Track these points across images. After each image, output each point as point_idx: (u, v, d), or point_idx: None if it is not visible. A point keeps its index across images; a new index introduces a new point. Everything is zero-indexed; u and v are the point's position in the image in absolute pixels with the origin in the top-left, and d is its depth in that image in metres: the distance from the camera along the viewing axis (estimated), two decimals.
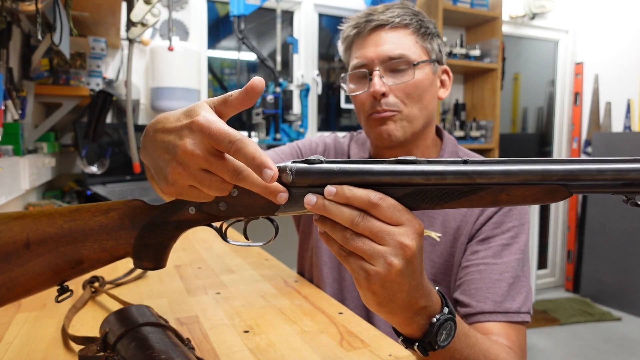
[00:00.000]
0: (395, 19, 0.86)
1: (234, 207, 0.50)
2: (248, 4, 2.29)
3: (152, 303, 0.83)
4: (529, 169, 0.43)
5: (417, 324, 0.50)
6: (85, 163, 1.84)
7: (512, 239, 0.82)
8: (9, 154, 1.37)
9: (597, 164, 0.42)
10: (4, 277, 0.50)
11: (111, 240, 0.52)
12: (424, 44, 0.89)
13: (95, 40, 2.00)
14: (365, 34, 0.88)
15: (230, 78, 3.10)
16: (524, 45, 3.96)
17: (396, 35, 0.86)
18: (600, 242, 3.50)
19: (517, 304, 0.76)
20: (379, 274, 0.44)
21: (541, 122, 4.16)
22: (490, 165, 0.44)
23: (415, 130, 0.88)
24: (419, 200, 0.46)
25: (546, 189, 0.43)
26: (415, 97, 0.86)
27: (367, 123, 0.90)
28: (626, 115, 3.59)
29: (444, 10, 2.96)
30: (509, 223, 0.83)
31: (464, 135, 3.20)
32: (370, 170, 0.45)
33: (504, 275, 0.78)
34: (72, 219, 0.53)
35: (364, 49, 0.88)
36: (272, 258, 1.21)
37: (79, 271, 0.53)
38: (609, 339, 2.94)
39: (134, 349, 0.54)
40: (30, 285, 0.52)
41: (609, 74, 3.73)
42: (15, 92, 1.46)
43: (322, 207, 0.45)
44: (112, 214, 0.53)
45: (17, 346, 0.68)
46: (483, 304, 0.76)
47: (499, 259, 0.80)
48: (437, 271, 0.88)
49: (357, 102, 0.91)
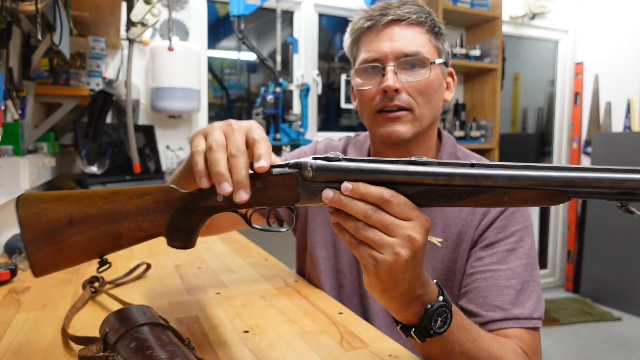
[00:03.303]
0: (412, 15, 0.84)
1: (258, 198, 0.55)
2: (248, 4, 2.29)
3: (152, 303, 0.83)
4: (532, 174, 0.46)
5: (413, 311, 0.55)
6: (85, 163, 1.84)
7: (516, 243, 0.80)
8: (9, 154, 1.37)
9: (595, 173, 0.45)
10: (50, 249, 0.57)
11: (146, 222, 0.58)
12: (437, 44, 0.87)
13: (95, 40, 2.00)
14: (380, 28, 0.85)
15: (230, 78, 3.10)
16: (524, 45, 3.96)
17: (411, 32, 0.84)
18: (601, 242, 3.50)
19: (527, 310, 0.75)
20: (387, 262, 0.49)
21: (541, 122, 4.16)
22: (496, 170, 0.47)
23: (421, 130, 0.87)
24: (428, 198, 0.50)
25: (547, 194, 0.46)
26: (427, 97, 0.84)
27: (374, 119, 0.87)
28: (626, 115, 3.59)
29: (444, 10, 2.96)
30: (512, 227, 0.81)
31: (464, 135, 3.20)
32: (384, 170, 0.50)
33: (511, 282, 0.76)
34: (110, 201, 0.58)
35: (377, 42, 0.84)
36: (272, 258, 1.21)
37: (117, 247, 0.59)
38: (609, 339, 2.94)
39: (133, 349, 0.54)
40: (74, 257, 0.58)
41: (609, 74, 3.73)
42: (15, 92, 1.46)
43: (338, 201, 0.50)
44: (146, 198, 0.58)
45: (17, 346, 0.68)
46: (493, 313, 0.75)
47: (505, 264, 0.78)
48: (438, 277, 0.86)
49: (364, 96, 0.87)
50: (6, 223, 1.41)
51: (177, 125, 2.64)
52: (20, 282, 1.00)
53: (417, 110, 0.84)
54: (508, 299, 0.75)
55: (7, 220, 1.43)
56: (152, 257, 1.21)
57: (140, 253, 1.26)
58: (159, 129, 2.53)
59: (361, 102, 0.90)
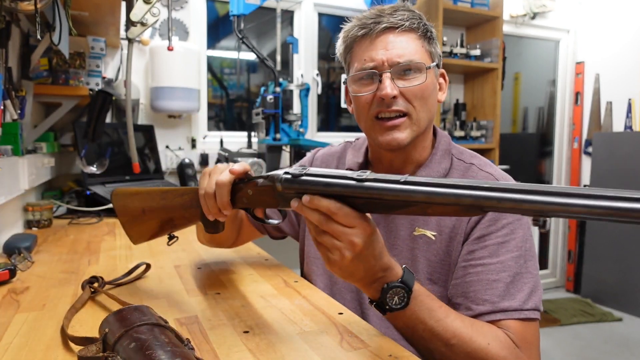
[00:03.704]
0: (405, 23, 0.85)
1: (252, 201, 0.73)
2: (248, 4, 2.29)
3: (151, 303, 0.82)
4: (446, 192, 0.53)
5: (375, 289, 0.67)
6: (84, 163, 1.83)
7: (507, 236, 0.81)
8: (8, 154, 1.37)
9: (502, 193, 0.49)
10: (137, 228, 0.91)
11: (187, 213, 0.83)
12: (430, 48, 0.89)
13: (94, 40, 2.00)
14: (374, 36, 0.86)
15: (230, 78, 3.10)
16: (524, 44, 3.95)
17: (405, 39, 0.86)
18: (601, 242, 3.49)
19: (517, 302, 0.76)
20: (336, 261, 0.62)
21: (542, 122, 4.16)
22: (418, 187, 0.55)
23: (419, 133, 0.89)
24: (372, 208, 0.59)
25: (461, 208, 0.52)
26: (423, 101, 0.86)
27: (372, 126, 0.89)
28: (627, 115, 3.58)
29: (445, 10, 2.96)
30: (503, 220, 0.82)
31: (464, 135, 3.20)
32: (334, 184, 0.60)
33: (501, 275, 0.78)
34: (164, 198, 0.85)
35: (373, 51, 0.86)
36: (272, 258, 1.21)
37: (174, 228, 0.88)
38: (610, 340, 2.93)
39: (133, 350, 0.53)
40: (151, 234, 0.90)
41: (610, 74, 3.72)
42: (14, 92, 1.46)
43: (300, 210, 0.62)
44: (185, 197, 0.83)
45: (16, 347, 0.68)
46: (481, 307, 0.77)
47: (496, 257, 0.79)
48: (433, 270, 0.87)
49: (360, 103, 0.89)
50: (5, 223, 1.41)
51: (176, 125, 2.64)
52: (19, 282, 0.99)
53: (415, 115, 0.86)
54: (497, 292, 0.77)
55: (6, 220, 1.43)
56: (152, 257, 1.21)
57: (140, 253, 1.25)
58: (158, 129, 2.53)
59: (358, 108, 0.91)
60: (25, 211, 1.59)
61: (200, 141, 2.72)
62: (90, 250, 1.30)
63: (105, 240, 1.42)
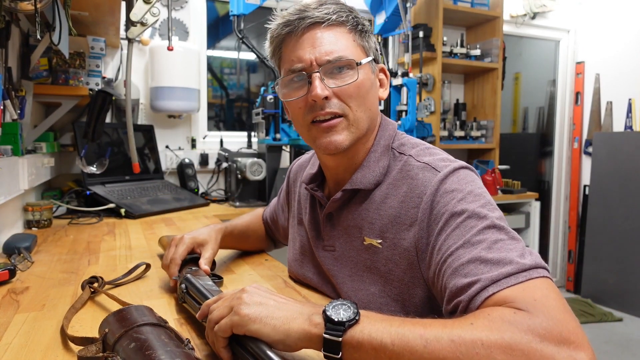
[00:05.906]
0: (331, 16, 0.79)
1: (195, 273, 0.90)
2: (248, 3, 2.28)
3: (151, 303, 0.82)
4: None
5: (312, 321, 0.56)
6: (84, 163, 1.83)
7: (459, 216, 0.69)
8: (8, 154, 1.37)
9: None
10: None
11: None
12: (362, 42, 0.82)
13: (94, 40, 2.00)
14: (300, 34, 0.79)
15: (229, 78, 3.10)
16: (524, 44, 3.95)
17: (333, 34, 0.79)
18: (601, 242, 3.49)
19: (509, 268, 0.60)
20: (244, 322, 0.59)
21: (542, 122, 4.16)
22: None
23: (360, 135, 0.82)
24: None
25: None
26: (359, 99, 0.80)
27: (308, 132, 0.82)
28: (627, 115, 3.58)
29: (445, 10, 2.96)
30: (447, 204, 0.71)
31: (464, 135, 3.20)
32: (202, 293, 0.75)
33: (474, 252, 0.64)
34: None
35: (299, 50, 0.79)
36: (272, 258, 1.21)
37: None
38: (610, 340, 2.93)
39: (133, 350, 0.53)
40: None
41: (610, 73, 3.72)
42: (14, 92, 1.46)
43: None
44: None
45: (15, 347, 0.67)
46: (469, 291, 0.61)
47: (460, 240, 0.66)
48: (382, 278, 0.80)
49: (294, 108, 0.82)
50: (5, 223, 1.41)
51: (176, 125, 2.64)
52: (19, 282, 0.99)
53: (351, 115, 0.80)
54: (479, 270, 0.62)
55: (6, 220, 1.42)
56: (152, 257, 1.21)
57: (139, 253, 1.25)
58: (158, 129, 2.53)
59: (292, 114, 0.85)
60: (25, 211, 1.59)
61: (200, 141, 2.72)
62: (90, 250, 1.29)
63: (105, 240, 1.42)
